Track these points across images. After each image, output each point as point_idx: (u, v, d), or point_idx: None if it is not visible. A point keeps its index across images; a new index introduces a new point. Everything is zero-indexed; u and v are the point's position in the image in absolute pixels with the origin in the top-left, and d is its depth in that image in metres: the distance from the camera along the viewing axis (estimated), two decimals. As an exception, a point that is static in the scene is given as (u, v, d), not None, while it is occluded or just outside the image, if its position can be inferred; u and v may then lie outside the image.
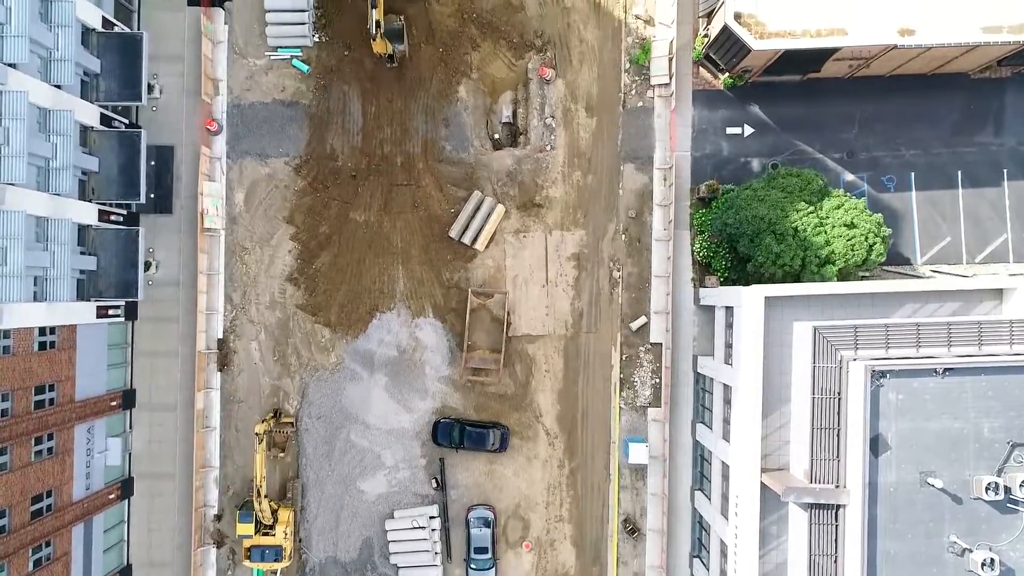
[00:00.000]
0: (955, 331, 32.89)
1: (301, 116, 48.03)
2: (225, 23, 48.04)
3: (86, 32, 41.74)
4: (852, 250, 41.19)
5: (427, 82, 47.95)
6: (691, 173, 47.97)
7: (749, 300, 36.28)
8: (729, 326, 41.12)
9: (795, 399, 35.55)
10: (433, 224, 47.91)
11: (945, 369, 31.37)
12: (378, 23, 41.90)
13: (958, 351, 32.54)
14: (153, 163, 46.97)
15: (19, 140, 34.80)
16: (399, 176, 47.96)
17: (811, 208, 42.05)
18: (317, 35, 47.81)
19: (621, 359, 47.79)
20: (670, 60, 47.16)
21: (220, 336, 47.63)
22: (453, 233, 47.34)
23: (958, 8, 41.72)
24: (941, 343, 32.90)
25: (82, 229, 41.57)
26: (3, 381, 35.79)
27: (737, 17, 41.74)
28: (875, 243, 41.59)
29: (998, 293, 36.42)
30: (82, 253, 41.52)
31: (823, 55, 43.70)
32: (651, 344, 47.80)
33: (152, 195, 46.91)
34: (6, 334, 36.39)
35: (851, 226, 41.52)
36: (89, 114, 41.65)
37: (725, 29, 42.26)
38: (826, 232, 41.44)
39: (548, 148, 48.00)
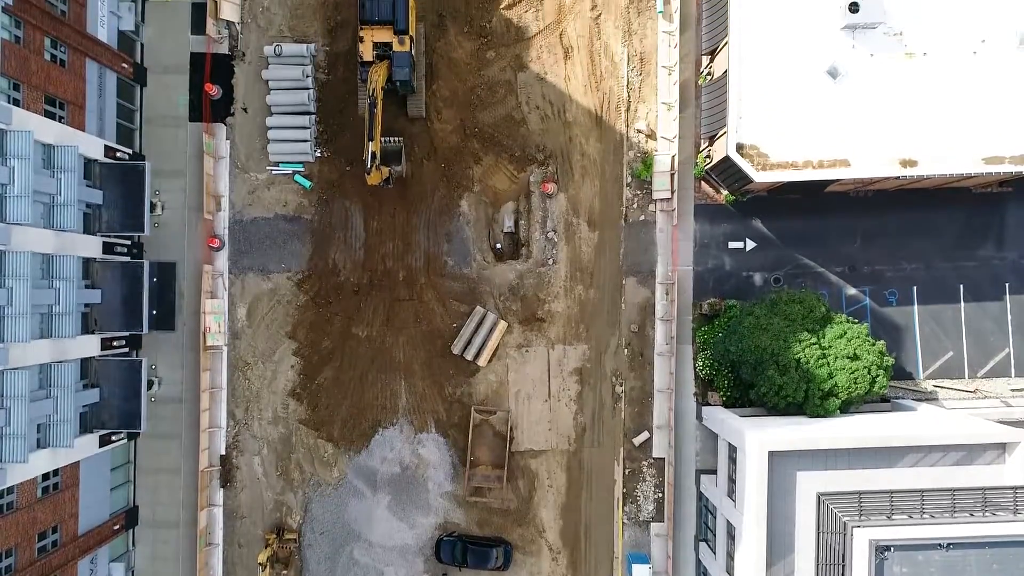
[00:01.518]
0: (959, 498, 32.94)
1: (303, 231, 48.07)
2: (227, 138, 48.09)
3: (88, 163, 41.75)
4: (855, 383, 41.23)
5: (429, 197, 48.01)
6: (693, 287, 48.01)
7: (752, 450, 36.33)
8: (732, 460, 41.15)
9: (799, 554, 35.60)
10: (435, 339, 47.95)
11: (949, 544, 31.43)
12: (374, 155, 41.73)
13: (962, 520, 32.52)
14: (155, 280, 46.97)
15: (23, 298, 34.81)
16: (401, 291, 47.99)
17: (814, 339, 42.07)
18: (319, 150, 47.83)
19: (624, 473, 47.83)
20: (672, 175, 47.22)
21: (223, 452, 47.66)
22: (455, 349, 47.38)
23: (959, 139, 41.77)
24: (945, 510, 32.95)
25: (84, 361, 41.62)
26: (7, 540, 35.80)
27: (739, 148, 41.78)
28: (878, 375, 41.64)
29: (1001, 444, 36.49)
30: (84, 386, 41.60)
31: (826, 181, 43.72)
32: (654, 458, 47.84)
33: (154, 312, 46.87)
34: (9, 490, 36.40)
35: (854, 358, 41.56)
36: (90, 247, 41.66)
37: (727, 158, 42.28)
38: (829, 364, 41.48)
39: (550, 262, 48.04)
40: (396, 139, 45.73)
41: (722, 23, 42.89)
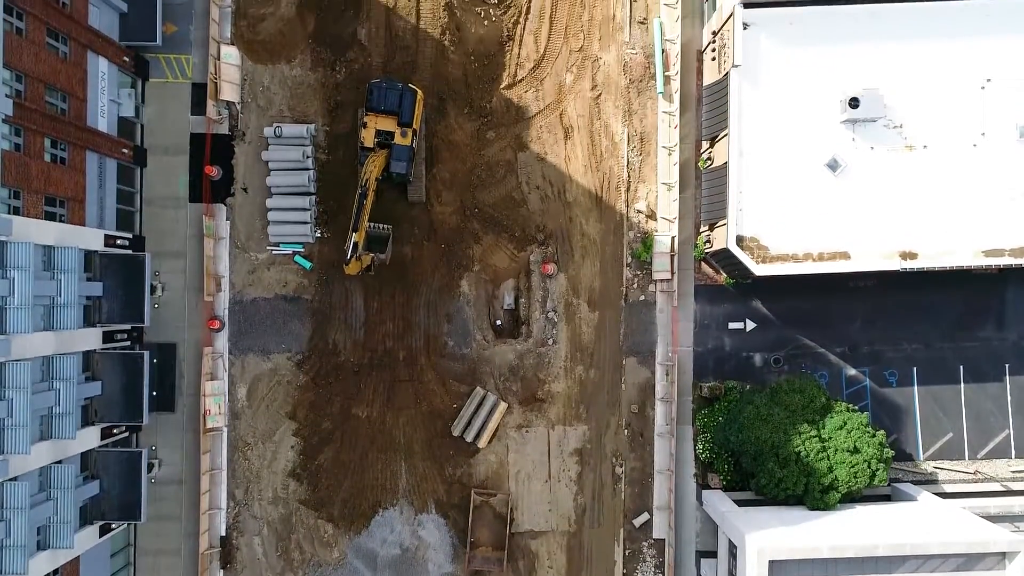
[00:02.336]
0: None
1: (303, 311, 48.05)
2: (227, 219, 48.06)
3: (88, 255, 41.76)
4: (855, 478, 41.27)
5: (430, 277, 48.01)
6: (694, 368, 48.04)
7: (752, 558, 36.32)
8: (732, 555, 41.15)
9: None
10: (436, 419, 47.94)
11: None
12: (355, 245, 41.58)
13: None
14: (155, 361, 46.98)
15: (23, 407, 34.80)
16: (401, 371, 47.98)
17: (814, 431, 42.09)
18: (319, 231, 47.81)
19: (624, 555, 47.84)
20: (672, 257, 47.25)
21: (223, 533, 47.65)
22: (455, 431, 47.38)
23: (959, 231, 41.87)
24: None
25: (84, 453, 41.62)
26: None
27: (739, 241, 41.81)
28: (878, 469, 41.67)
29: (1001, 552, 36.53)
30: (84, 479, 41.59)
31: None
32: (654, 540, 47.84)
33: (154, 393, 46.85)
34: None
35: (854, 451, 41.57)
36: (90, 339, 41.65)
37: (727, 250, 42.27)
38: (829, 458, 41.51)
39: (550, 342, 48.04)
40: (385, 226, 45.35)
41: (722, 113, 42.90)
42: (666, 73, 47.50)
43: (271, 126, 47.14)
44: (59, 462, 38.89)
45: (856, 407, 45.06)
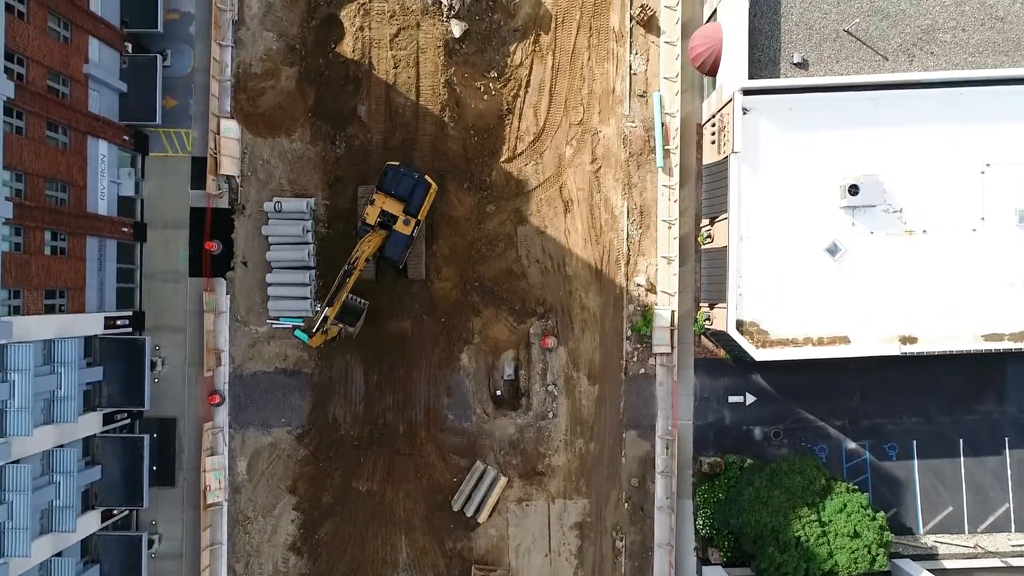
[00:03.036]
0: None
1: (303, 385, 48.06)
2: (227, 293, 48.07)
3: (88, 340, 41.79)
4: (855, 563, 41.29)
5: (429, 351, 48.00)
6: (694, 441, 48.06)
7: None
8: (733, 641, 41.19)
9: None
10: (436, 493, 47.94)
11: None
12: (325, 319, 41.14)
13: None
14: (155, 435, 46.96)
15: (23, 511, 34.79)
16: (401, 445, 47.98)
17: (814, 514, 42.10)
18: (319, 305, 47.77)
19: (624, 628, 47.88)
20: (672, 331, 47.26)
21: (223, 608, 47.71)
22: (456, 506, 47.38)
23: (959, 316, 41.88)
24: None
25: (84, 540, 41.64)
26: None
27: (739, 326, 41.82)
28: (878, 554, 41.69)
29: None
30: (85, 564, 41.59)
31: (825, 349, 43.78)
32: (654, 613, 47.91)
33: (154, 468, 46.82)
34: None
35: (854, 535, 41.60)
36: (91, 425, 41.67)
37: (726, 333, 42.31)
38: (829, 543, 41.55)
39: (550, 416, 48.06)
40: (362, 300, 44.82)
41: (721, 195, 42.92)
42: (666, 147, 47.54)
43: (271, 200, 47.18)
44: (59, 554, 38.87)
45: (856, 485, 45.09)
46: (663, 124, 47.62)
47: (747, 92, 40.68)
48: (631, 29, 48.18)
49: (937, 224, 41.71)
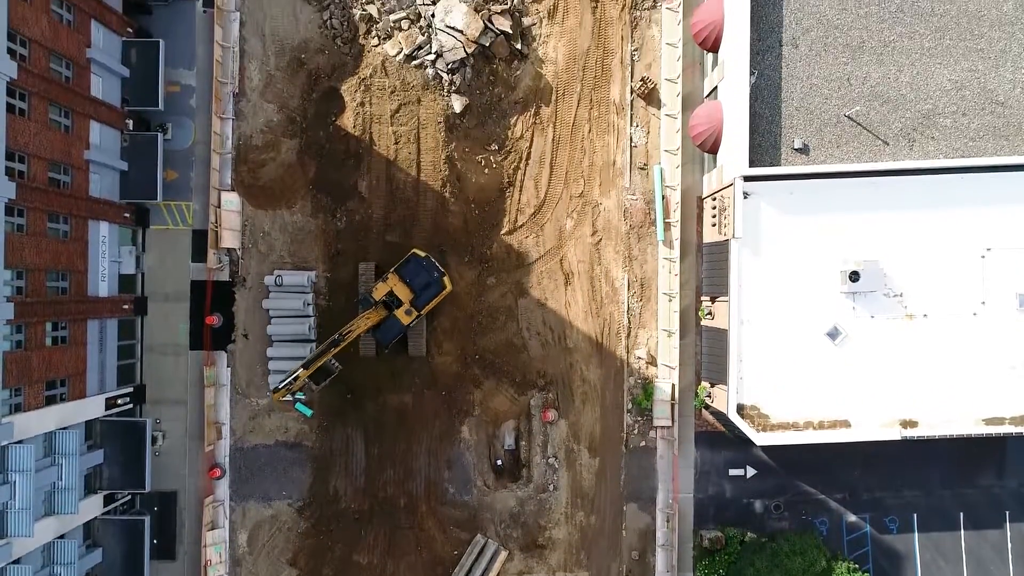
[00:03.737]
0: None
1: (304, 458, 48.04)
2: (228, 366, 48.06)
3: (89, 423, 41.78)
4: (856, 647, 41.35)
5: (430, 424, 48.01)
6: (694, 514, 48.05)
7: None
8: None
9: None
10: (436, 567, 47.91)
11: None
12: (295, 378, 41.16)
13: None
14: (156, 509, 46.96)
15: (23, 610, 34.86)
16: (402, 518, 47.95)
17: (814, 599, 42.19)
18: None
19: None
20: (672, 405, 47.28)
21: None
22: (456, 581, 47.44)
23: (960, 400, 41.89)
24: None
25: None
26: None
27: (740, 409, 41.83)
28: (879, 639, 41.71)
29: None
30: (86, 650, 41.64)
31: (826, 430, 43.83)
32: None
33: (155, 541, 46.82)
34: None
35: (855, 620, 41.68)
36: (92, 508, 41.66)
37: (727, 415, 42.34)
38: (829, 628, 41.60)
39: (551, 488, 48.05)
40: (337, 364, 43.82)
41: (721, 276, 42.95)
42: (666, 220, 47.57)
43: (272, 274, 47.23)
44: (60, 644, 38.93)
45: (857, 564, 45.14)
46: (664, 197, 47.66)
47: (748, 179, 40.68)
48: (632, 102, 48.24)
49: (938, 308, 41.73)
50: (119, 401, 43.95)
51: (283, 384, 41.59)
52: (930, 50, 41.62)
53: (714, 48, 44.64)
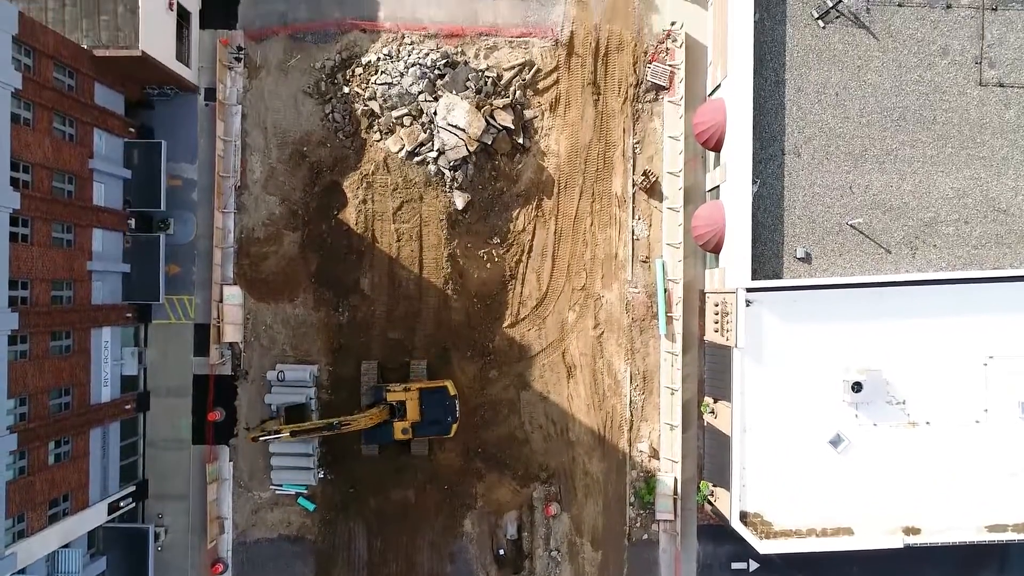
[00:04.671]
0: None
1: (307, 552, 48.02)
2: (230, 460, 48.06)
3: (91, 531, 41.74)
4: None
5: (432, 518, 47.97)
6: (697, 608, 48.17)
7: None
8: None
9: None
10: (439, 660, 48.00)
11: None
12: (275, 435, 42.47)
13: None
14: (160, 603, 47.01)
15: None
16: (405, 612, 48.04)
17: None
18: (322, 472, 47.80)
19: None
20: (675, 499, 47.29)
21: None
22: (459, 675, 47.43)
23: (962, 507, 41.88)
24: None
25: None
26: None
27: (743, 517, 41.83)
28: None
29: None
30: None
31: (828, 532, 43.78)
32: None
33: (158, 637, 46.88)
34: None
35: None
36: (95, 617, 41.69)
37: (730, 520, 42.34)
38: None
39: (554, 581, 48.14)
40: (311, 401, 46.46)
41: (724, 380, 42.96)
42: (668, 314, 47.56)
43: (274, 369, 47.22)
44: None
45: (859, 665, 45.11)
46: (666, 290, 47.67)
47: (750, 290, 40.69)
48: (634, 195, 48.25)
49: (941, 416, 41.73)
50: (121, 504, 43.91)
51: (263, 436, 42.81)
52: (932, 158, 41.66)
53: (716, 148, 44.68)
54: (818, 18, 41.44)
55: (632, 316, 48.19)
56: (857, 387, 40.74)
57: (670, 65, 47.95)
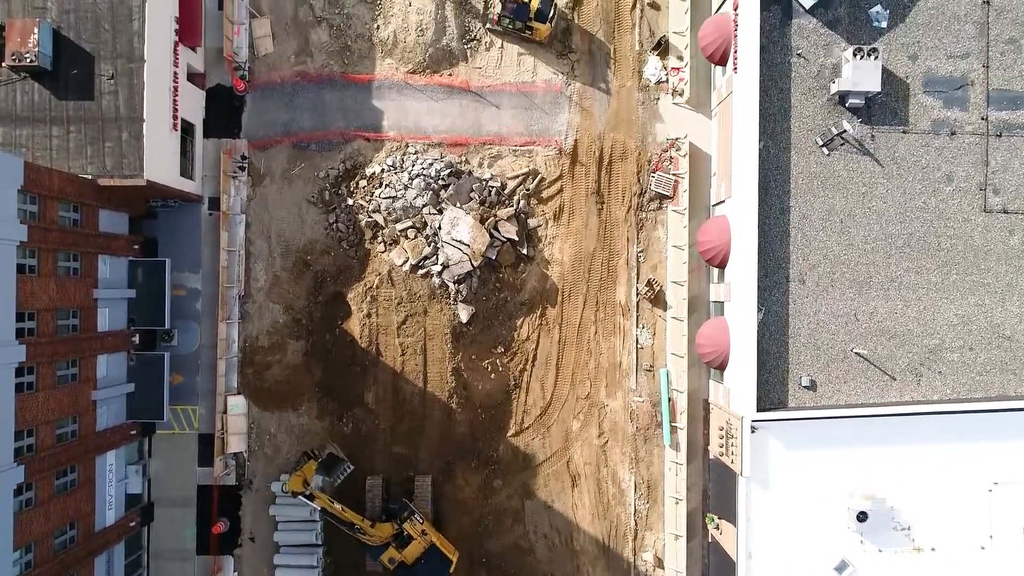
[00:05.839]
0: None
1: (311, 663, 48.01)
2: (235, 570, 48.02)
3: (96, 656, 41.77)
4: None
5: (437, 626, 47.99)
6: None
7: None
8: None
9: None
10: None
11: None
12: (310, 495, 42.57)
13: None
14: None
15: None
16: None
17: None
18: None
19: None
20: (679, 608, 47.34)
21: None
22: None
23: (968, 624, 41.93)
24: None
25: None
26: None
27: (748, 642, 41.82)
28: None
29: None
30: None
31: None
32: None
33: None
34: None
35: None
36: None
37: (736, 645, 42.35)
38: None
39: None
40: (349, 466, 46.67)
41: (728, 501, 42.93)
42: (672, 423, 47.55)
43: (278, 480, 47.16)
44: None
45: None
46: (670, 400, 47.65)
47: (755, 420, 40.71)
48: (638, 303, 48.24)
49: (946, 542, 41.67)
50: (126, 626, 43.87)
51: (299, 493, 42.42)
52: (936, 285, 41.67)
53: (721, 265, 44.67)
54: (823, 145, 41.45)
55: (636, 425, 48.18)
56: (862, 517, 40.70)
57: (674, 174, 47.96)
